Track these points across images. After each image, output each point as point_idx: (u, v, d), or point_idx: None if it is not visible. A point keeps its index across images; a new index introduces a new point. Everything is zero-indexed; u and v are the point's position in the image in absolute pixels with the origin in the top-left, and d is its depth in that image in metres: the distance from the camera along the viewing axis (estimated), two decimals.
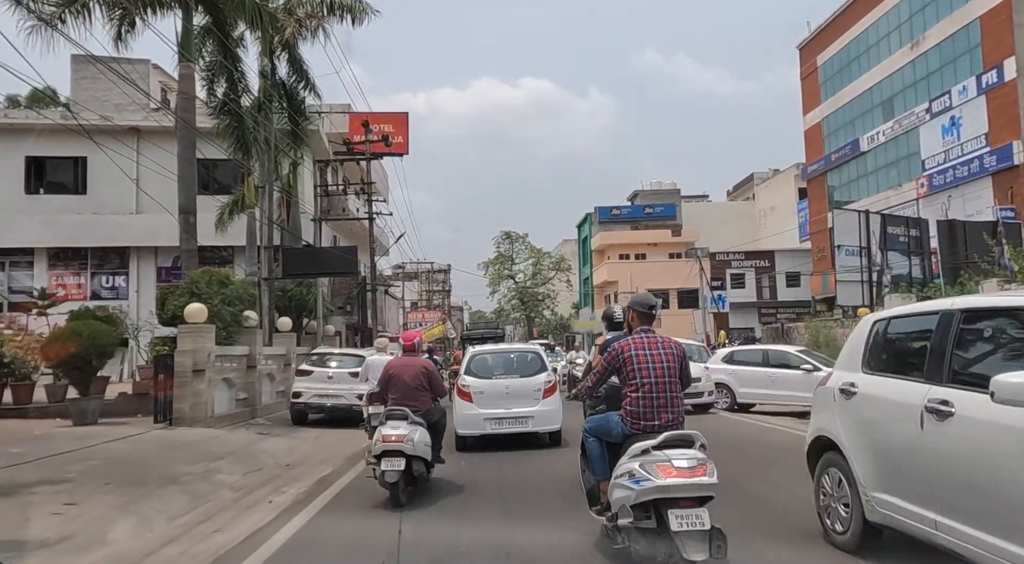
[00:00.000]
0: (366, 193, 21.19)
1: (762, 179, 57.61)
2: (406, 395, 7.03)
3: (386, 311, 35.07)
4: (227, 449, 10.34)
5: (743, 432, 11.99)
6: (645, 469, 4.19)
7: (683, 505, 4.03)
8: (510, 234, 71.05)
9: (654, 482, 4.09)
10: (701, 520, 3.98)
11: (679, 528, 3.94)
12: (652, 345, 4.77)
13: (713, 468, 4.18)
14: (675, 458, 4.18)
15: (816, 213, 41.22)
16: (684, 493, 4.06)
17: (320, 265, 18.45)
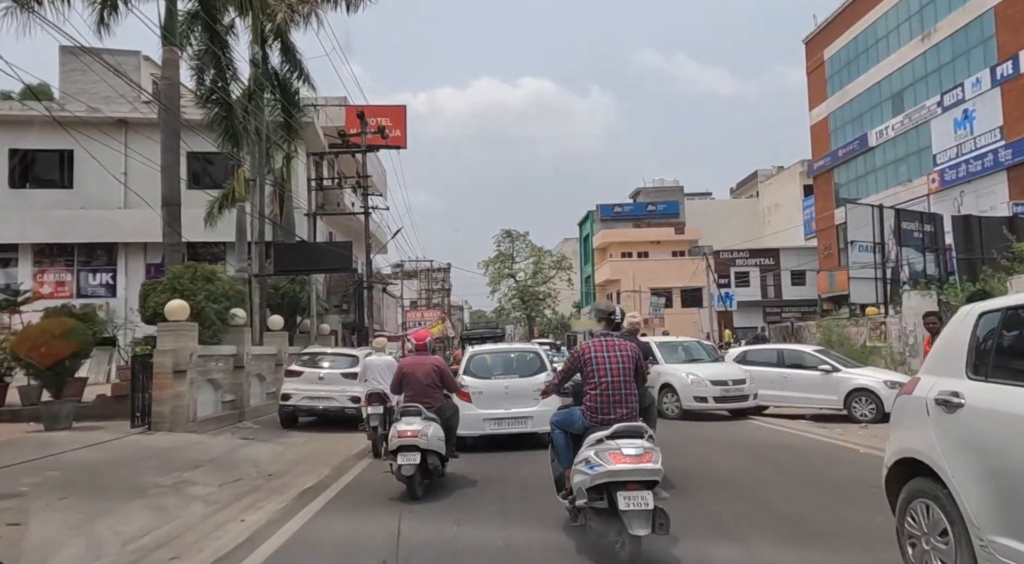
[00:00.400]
0: (362, 187, 20.42)
1: (766, 176, 56.86)
2: (419, 392, 7.26)
3: (384, 310, 34.33)
4: (206, 456, 9.59)
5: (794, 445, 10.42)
6: (599, 456, 4.71)
7: (631, 488, 4.50)
8: (510, 232, 70.37)
9: (605, 467, 4.60)
10: (646, 501, 4.46)
11: (626, 508, 4.43)
12: (610, 348, 5.39)
13: (658, 456, 4.69)
14: (624, 447, 4.69)
15: (823, 210, 40.48)
16: (631, 477, 4.54)
17: (313, 261, 17.71)
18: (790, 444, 10.46)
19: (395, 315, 38.21)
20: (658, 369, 12.79)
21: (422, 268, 53.37)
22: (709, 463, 8.81)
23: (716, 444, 10.58)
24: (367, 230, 19.68)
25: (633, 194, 58.55)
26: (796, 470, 8.29)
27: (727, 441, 10.85)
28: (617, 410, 5.19)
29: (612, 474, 4.58)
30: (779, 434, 11.62)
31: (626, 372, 5.31)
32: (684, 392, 13.30)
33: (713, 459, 9.16)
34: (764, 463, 8.79)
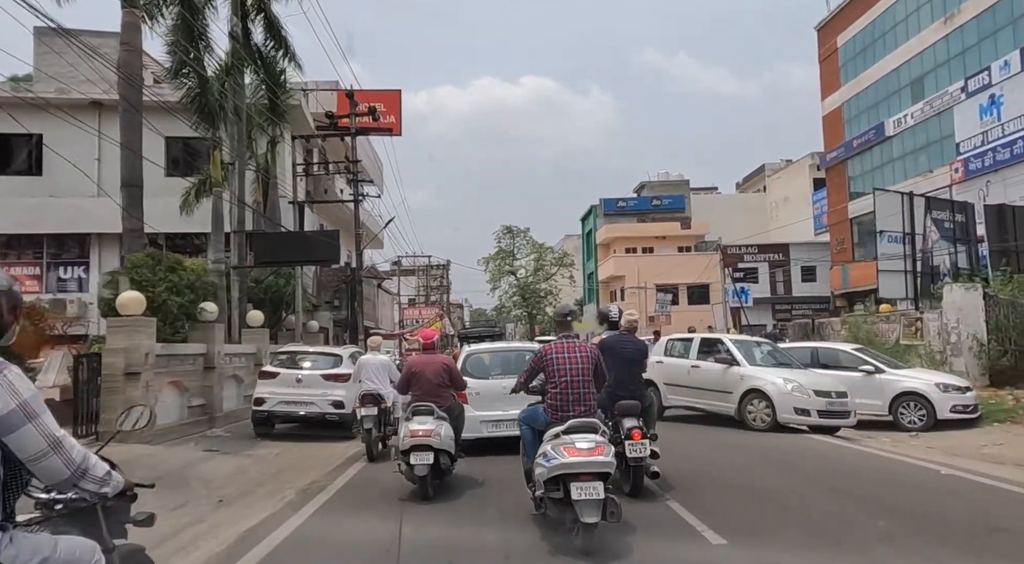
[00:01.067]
0: (351, 172, 18.89)
1: (774, 170, 55.33)
2: (429, 392, 7.20)
3: (379, 307, 32.85)
4: (155, 473, 8.08)
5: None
6: (554, 450, 5.04)
7: (583, 479, 4.81)
8: (511, 228, 68.83)
9: (559, 460, 4.94)
10: (597, 491, 4.77)
11: (578, 497, 4.75)
12: (570, 349, 5.75)
13: (610, 450, 5.07)
14: (578, 441, 5.03)
15: (835, 203, 38.99)
16: (584, 469, 4.85)
17: (297, 252, 16.24)
18: (857, 465, 8.68)
19: (391, 312, 36.73)
20: (740, 372, 11.60)
21: (420, 265, 51.86)
22: (790, 496, 6.97)
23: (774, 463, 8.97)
24: (356, 219, 18.16)
25: (637, 188, 56.98)
26: (904, 510, 6.23)
27: (782, 459, 9.13)
28: (576, 408, 5.58)
29: (566, 466, 4.92)
30: (833, 448, 9.93)
31: (584, 372, 5.70)
32: (781, 402, 11.13)
33: (785, 486, 7.35)
34: (849, 496, 6.82)
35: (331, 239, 16.35)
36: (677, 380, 12.59)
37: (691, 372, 12.35)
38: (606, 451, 5.01)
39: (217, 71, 15.95)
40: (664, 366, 12.71)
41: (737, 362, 11.68)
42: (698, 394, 12.26)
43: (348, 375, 11.79)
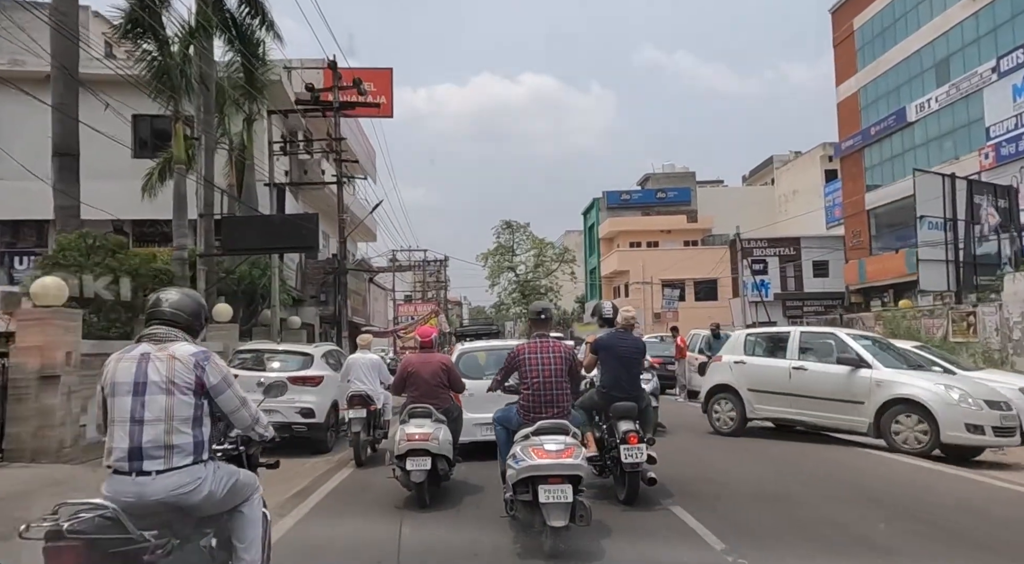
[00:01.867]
0: (334, 152, 17.00)
1: (783, 162, 53.48)
2: (426, 393, 6.91)
3: (371, 303, 31.01)
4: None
5: None
6: (523, 452, 5.01)
7: (552, 481, 4.77)
8: (510, 223, 67.00)
9: (527, 462, 4.89)
10: (565, 494, 4.73)
11: (546, 500, 4.73)
12: (544, 349, 5.71)
13: (580, 451, 4.97)
14: (547, 443, 4.99)
15: (851, 194, 37.15)
16: (552, 471, 4.79)
17: (269, 238, 14.39)
18: (973, 500, 6.64)
19: (385, 309, 34.91)
20: (874, 376, 9.19)
21: (416, 259, 50.02)
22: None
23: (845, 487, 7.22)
24: (340, 202, 16.29)
25: (641, 180, 55.11)
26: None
27: (869, 488, 7.18)
28: (548, 409, 5.51)
29: (534, 469, 4.83)
30: (920, 472, 7.96)
31: (558, 373, 5.59)
32: (947, 416, 8.53)
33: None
34: None
35: (309, 224, 14.50)
36: (770, 386, 10.06)
37: (793, 376, 9.79)
38: (575, 453, 4.94)
39: (181, 33, 14.10)
40: (748, 368, 10.36)
41: (866, 363, 9.27)
42: (806, 404, 9.73)
43: (320, 378, 10.11)
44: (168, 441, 2.87)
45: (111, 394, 2.95)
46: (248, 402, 3.20)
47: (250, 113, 17.92)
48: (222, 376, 3.04)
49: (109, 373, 3.01)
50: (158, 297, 3.19)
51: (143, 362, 2.94)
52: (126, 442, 2.86)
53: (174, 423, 2.89)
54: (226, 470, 3.11)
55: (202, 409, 2.99)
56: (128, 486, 2.83)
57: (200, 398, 2.98)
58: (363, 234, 35.52)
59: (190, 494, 2.88)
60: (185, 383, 2.93)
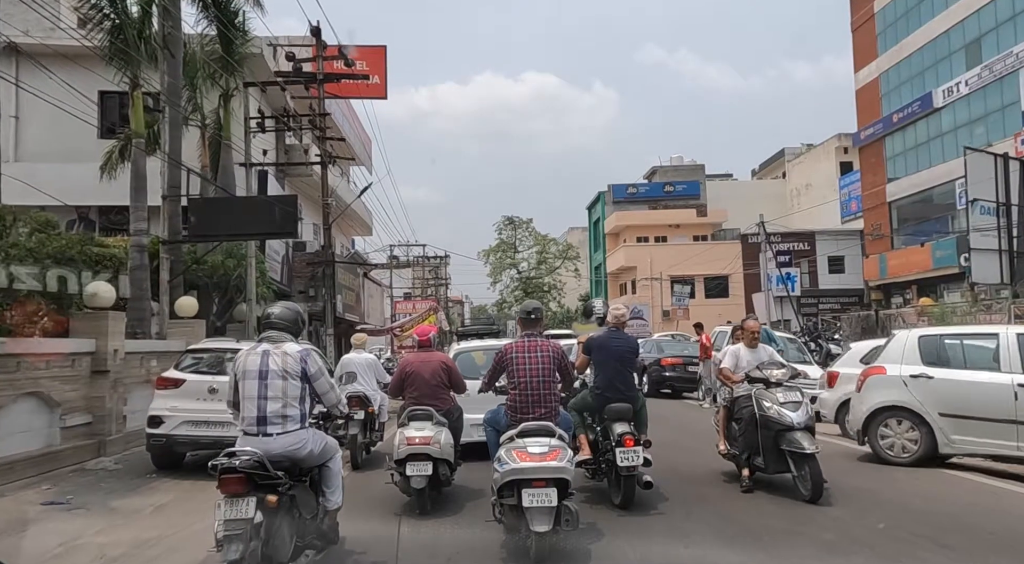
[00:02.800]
0: (318, 129, 15.21)
1: (795, 155, 51.71)
2: (426, 394, 6.53)
3: (366, 300, 29.29)
4: None
5: None
6: (507, 455, 4.84)
7: (535, 485, 4.59)
8: (512, 219, 65.47)
9: (511, 465, 4.74)
10: (549, 498, 4.55)
11: (529, 504, 4.56)
12: (531, 349, 5.50)
13: (565, 454, 4.79)
14: (531, 445, 4.82)
15: (871, 185, 35.34)
16: (535, 475, 4.63)
17: (241, 222, 12.67)
18: None
19: (381, 305, 33.20)
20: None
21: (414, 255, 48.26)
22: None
23: None
24: (324, 184, 14.50)
25: (648, 174, 53.27)
26: None
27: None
28: (536, 409, 5.33)
29: (517, 472, 4.70)
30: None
31: (545, 373, 5.44)
32: None
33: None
34: None
35: (288, 206, 12.77)
36: (981, 410, 7.29)
37: (1021, 397, 7.04)
38: (560, 456, 4.80)
39: None
40: (937, 385, 7.59)
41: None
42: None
43: None
44: (284, 412, 4.07)
45: (242, 378, 4.16)
46: (335, 386, 4.41)
47: (227, 88, 16.20)
48: (318, 367, 4.23)
49: (240, 364, 4.22)
50: (269, 311, 4.41)
51: (265, 356, 4.14)
52: (255, 412, 4.06)
53: (288, 399, 4.08)
54: (320, 435, 4.35)
55: (305, 390, 4.17)
56: (256, 443, 3.97)
57: (304, 382, 4.15)
58: (359, 228, 33.81)
59: (298, 450, 4.09)
60: (294, 371, 4.12)
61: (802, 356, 13.72)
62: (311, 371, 4.14)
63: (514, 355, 5.48)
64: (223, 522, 3.66)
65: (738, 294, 42.44)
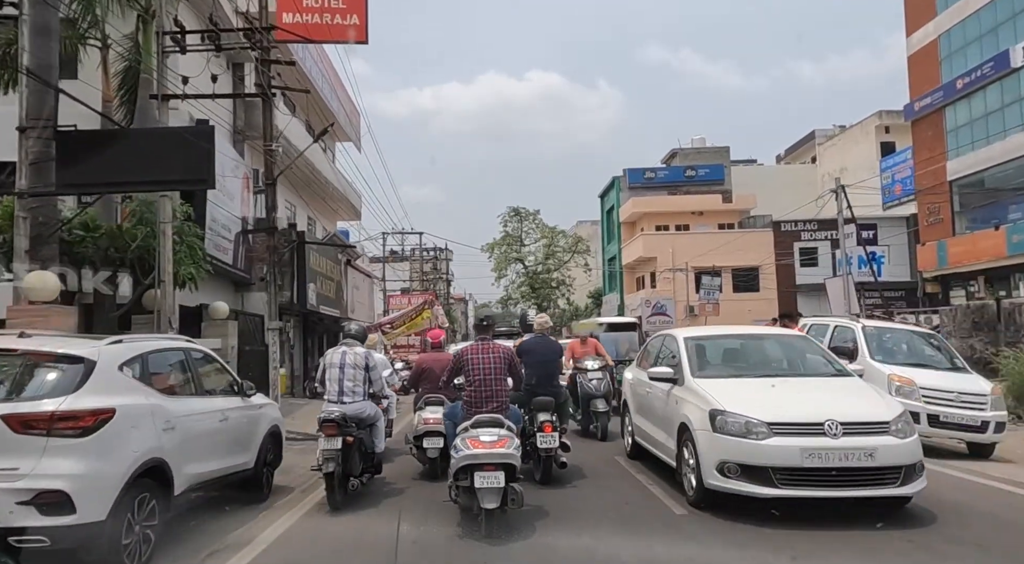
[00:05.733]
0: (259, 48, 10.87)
1: (826, 137, 47.44)
2: (439, 386, 7.57)
3: (351, 292, 25.22)
4: None
5: None
6: (462, 443, 5.62)
7: (486, 469, 5.34)
8: (518, 211, 61.29)
9: (465, 452, 5.49)
10: (498, 480, 5.31)
11: (480, 485, 5.30)
12: (485, 350, 6.47)
13: (512, 442, 5.59)
14: (483, 434, 5.62)
15: (928, 163, 31.08)
16: (486, 460, 5.38)
17: (134, 167, 8.66)
18: None
19: (370, 300, 29.19)
20: None
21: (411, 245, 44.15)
22: None
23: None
24: (266, 127, 10.34)
25: (667, 157, 49.02)
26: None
27: None
28: (488, 403, 6.16)
29: (470, 457, 5.42)
30: None
31: (497, 371, 6.31)
32: None
33: None
34: None
35: (199, 140, 8.70)
36: None
37: None
38: (508, 444, 5.51)
39: None
40: None
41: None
42: None
43: (101, 414, 4.30)
44: (353, 389, 6.79)
45: (329, 367, 6.91)
46: (383, 377, 7.46)
47: (147, 5, 12.12)
48: (374, 364, 7.04)
49: (328, 358, 7.03)
50: (349, 327, 7.46)
51: (344, 354, 6.93)
52: (337, 388, 6.78)
53: (356, 382, 6.81)
54: (372, 405, 7.06)
55: (366, 377, 6.91)
56: (336, 407, 6.65)
57: (365, 372, 6.90)
58: (345, 210, 29.80)
59: (361, 412, 6.79)
60: (360, 365, 6.89)
61: (951, 361, 9.60)
62: (371, 365, 6.96)
63: (470, 356, 6.41)
64: (322, 450, 6.35)
65: (770, 288, 38.30)
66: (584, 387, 10.30)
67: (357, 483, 6.79)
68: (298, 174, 21.97)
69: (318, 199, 25.66)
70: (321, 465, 6.27)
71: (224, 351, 14.12)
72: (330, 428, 6.33)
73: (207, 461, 5.76)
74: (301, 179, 22.50)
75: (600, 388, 10.24)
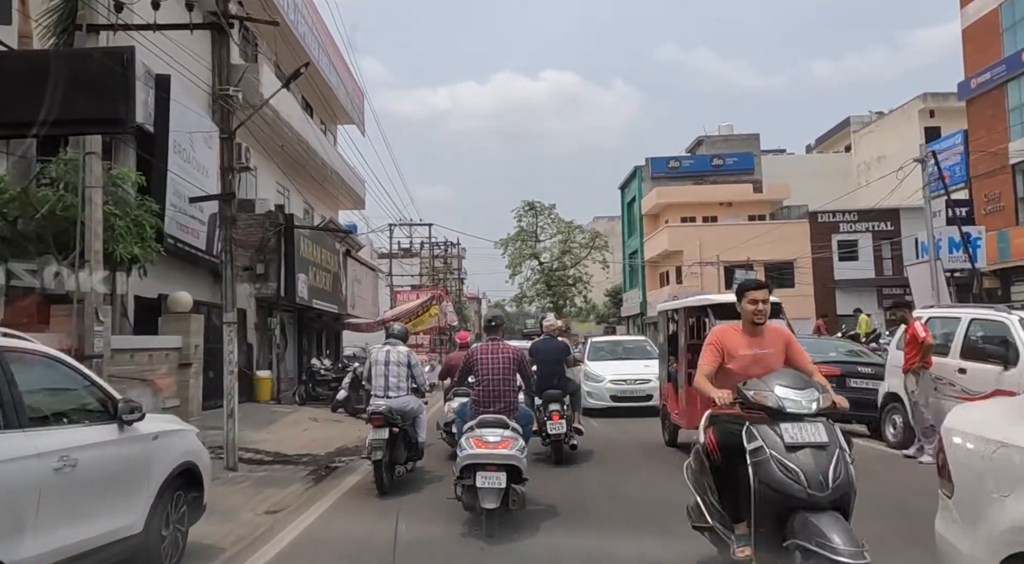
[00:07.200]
0: None
1: (863, 124, 44.56)
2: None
3: (351, 285, 22.85)
4: None
5: None
6: (466, 442, 5.74)
7: (488, 469, 5.43)
8: (534, 205, 58.62)
9: (467, 451, 5.65)
10: (499, 480, 5.39)
11: (481, 485, 5.40)
12: (494, 351, 6.55)
13: (516, 444, 5.67)
14: (486, 435, 5.71)
15: (986, 144, 28.26)
16: (488, 460, 5.50)
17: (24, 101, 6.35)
18: None
19: (374, 295, 26.86)
20: None
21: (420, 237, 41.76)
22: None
23: None
24: (222, 62, 8.00)
25: (692, 146, 46.36)
26: None
27: None
28: (496, 403, 6.25)
29: (472, 457, 5.55)
30: None
31: (506, 372, 6.40)
32: None
33: None
34: None
35: (112, 64, 6.34)
36: None
37: None
38: (512, 445, 5.58)
39: None
40: None
41: None
42: None
43: None
44: (398, 384, 7.50)
45: (374, 363, 7.69)
46: (425, 373, 8.10)
47: None
48: (416, 361, 7.81)
49: (374, 355, 7.90)
50: (391, 327, 8.66)
51: (388, 353, 7.67)
52: (383, 384, 7.50)
53: (400, 378, 7.52)
54: (415, 399, 7.71)
55: (409, 373, 7.60)
56: (382, 402, 7.32)
57: (408, 368, 7.61)
58: (346, 197, 27.42)
59: (404, 406, 7.41)
60: (404, 362, 7.61)
61: None
62: (412, 363, 7.71)
63: (479, 356, 6.52)
64: (370, 440, 6.99)
65: (806, 283, 35.63)
66: None
67: (403, 470, 7.59)
68: (291, 152, 19.64)
69: (316, 184, 23.31)
70: (370, 454, 7.03)
71: (186, 351, 11.74)
72: (378, 419, 7.12)
73: (30, 537, 3.36)
74: (295, 159, 20.18)
75: None
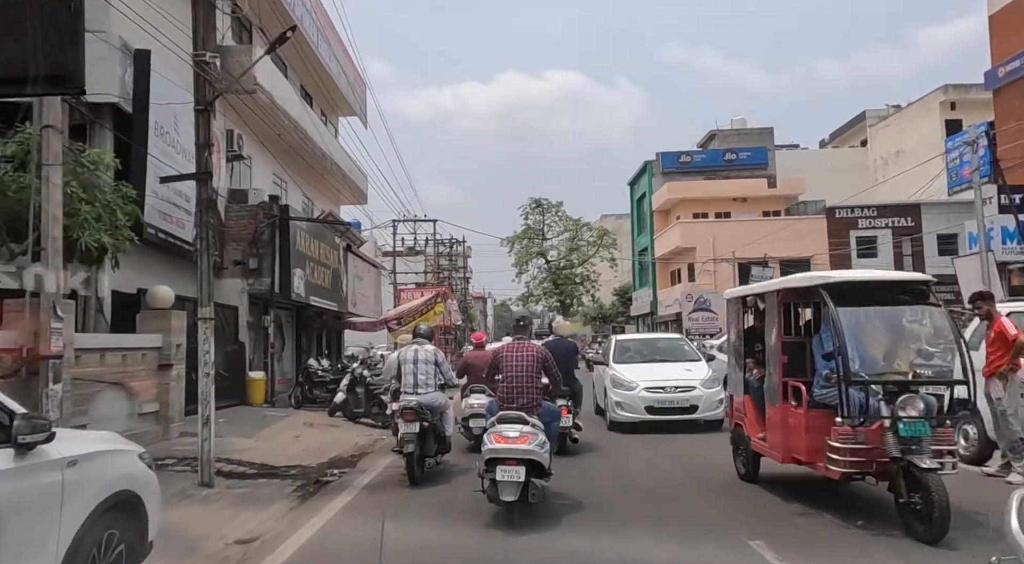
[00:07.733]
0: None
1: (879, 117, 43.38)
2: (477, 380, 9.36)
3: (351, 282, 21.87)
4: None
5: None
6: (488, 437, 6.09)
7: (508, 463, 5.77)
8: (540, 202, 57.62)
9: (489, 446, 5.97)
10: (518, 474, 5.69)
11: (501, 478, 5.72)
12: (520, 349, 6.84)
13: (535, 439, 5.96)
14: (506, 430, 6.05)
15: (1013, 136, 27.15)
16: (507, 455, 5.82)
17: None
18: None
19: (376, 291, 25.90)
20: None
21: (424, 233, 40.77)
22: None
23: None
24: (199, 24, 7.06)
25: (703, 140, 45.23)
26: None
27: None
28: (519, 399, 6.51)
29: (493, 452, 5.86)
30: None
31: (529, 369, 6.64)
32: None
33: None
34: None
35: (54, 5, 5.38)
36: None
37: None
38: (531, 441, 5.87)
39: None
40: None
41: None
42: None
43: None
44: (427, 381, 7.99)
45: (403, 362, 8.14)
46: (451, 369, 8.87)
47: None
48: (442, 359, 8.26)
49: (402, 354, 8.35)
50: (419, 327, 9.39)
51: (416, 352, 8.14)
52: (412, 380, 7.98)
53: (428, 375, 8.01)
54: (443, 395, 8.21)
55: (436, 371, 8.07)
56: (412, 398, 7.80)
57: (436, 366, 8.08)
58: (347, 191, 26.46)
59: (433, 401, 7.90)
60: (431, 360, 8.08)
61: None
62: (439, 361, 8.17)
63: (505, 354, 6.81)
64: (403, 434, 7.44)
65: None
66: None
67: (432, 462, 8.03)
68: (289, 142, 18.65)
69: (315, 177, 22.35)
70: (402, 447, 7.51)
71: (167, 351, 10.74)
72: (409, 414, 7.50)
73: None
74: (293, 149, 19.20)
75: None
